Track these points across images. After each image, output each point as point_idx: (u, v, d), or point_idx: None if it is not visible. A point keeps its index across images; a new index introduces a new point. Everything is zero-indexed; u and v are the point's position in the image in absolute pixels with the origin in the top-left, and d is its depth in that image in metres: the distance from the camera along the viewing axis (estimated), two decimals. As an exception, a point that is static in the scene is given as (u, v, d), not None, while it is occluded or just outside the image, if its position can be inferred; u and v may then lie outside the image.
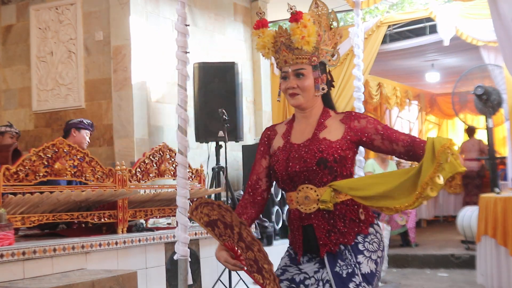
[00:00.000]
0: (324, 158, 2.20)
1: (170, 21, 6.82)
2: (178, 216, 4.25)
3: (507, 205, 4.82)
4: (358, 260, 2.18)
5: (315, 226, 2.23)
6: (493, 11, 5.36)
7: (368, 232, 2.25)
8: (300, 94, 2.30)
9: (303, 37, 2.25)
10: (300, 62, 2.29)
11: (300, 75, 2.29)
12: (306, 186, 2.23)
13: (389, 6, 14.23)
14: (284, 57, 2.30)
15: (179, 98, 4.31)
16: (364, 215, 2.26)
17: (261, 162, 2.39)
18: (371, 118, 2.33)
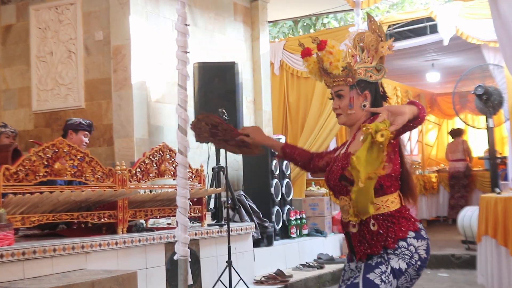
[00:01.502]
0: (344, 175, 2.30)
1: (170, 21, 6.81)
2: (178, 216, 4.25)
3: (508, 205, 4.82)
4: (388, 257, 2.28)
5: (351, 235, 2.39)
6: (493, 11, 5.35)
7: (397, 246, 2.29)
8: (342, 114, 2.46)
9: (331, 63, 2.41)
10: (337, 84, 2.45)
11: (340, 96, 2.45)
12: (343, 197, 2.37)
13: (390, 6, 14.23)
14: (325, 81, 2.49)
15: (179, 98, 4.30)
16: (388, 228, 2.30)
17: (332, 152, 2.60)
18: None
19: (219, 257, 5.36)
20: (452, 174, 10.68)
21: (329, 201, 8.03)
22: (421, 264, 2.33)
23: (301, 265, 6.54)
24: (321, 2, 9.10)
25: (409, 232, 2.32)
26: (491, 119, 7.37)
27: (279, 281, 5.75)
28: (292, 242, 6.90)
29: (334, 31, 9.53)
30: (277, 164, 7.07)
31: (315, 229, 7.55)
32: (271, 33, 13.66)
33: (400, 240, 2.30)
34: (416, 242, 2.32)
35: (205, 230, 5.30)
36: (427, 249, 2.36)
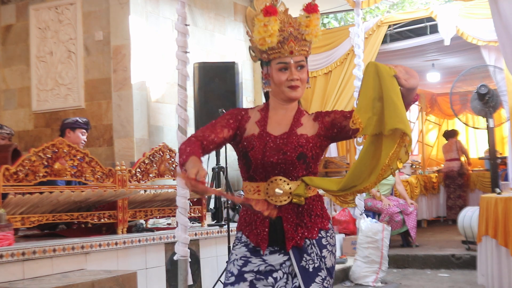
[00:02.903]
0: (304, 153, 2.21)
1: (170, 21, 6.81)
2: (178, 217, 4.24)
3: (508, 205, 4.81)
4: (322, 254, 2.21)
5: (284, 219, 2.21)
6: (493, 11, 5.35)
7: (328, 227, 2.27)
8: (300, 86, 2.29)
9: (311, 28, 2.24)
10: (303, 54, 2.27)
11: (300, 67, 2.27)
12: (279, 178, 2.20)
13: (390, 5, 14.23)
14: (290, 48, 2.24)
15: (179, 98, 4.30)
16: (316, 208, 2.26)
17: (224, 130, 2.30)
18: (337, 110, 2.37)
19: (219, 257, 5.35)
20: (447, 174, 10.76)
21: (329, 201, 8.03)
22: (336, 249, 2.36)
23: (301, 265, 6.52)
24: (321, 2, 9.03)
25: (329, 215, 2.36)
26: (491, 119, 7.37)
27: (279, 281, 5.74)
28: (292, 242, 6.89)
29: (334, 31, 9.51)
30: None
31: (315, 229, 7.54)
32: (271, 33, 13.63)
33: (329, 221, 2.30)
34: (332, 226, 2.34)
35: (205, 230, 5.29)
36: None
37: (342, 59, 8.60)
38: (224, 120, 2.33)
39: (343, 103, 8.38)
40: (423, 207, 10.36)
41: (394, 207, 7.57)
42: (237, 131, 2.32)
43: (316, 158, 2.26)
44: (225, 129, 2.31)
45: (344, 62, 8.56)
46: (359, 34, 6.62)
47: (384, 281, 6.29)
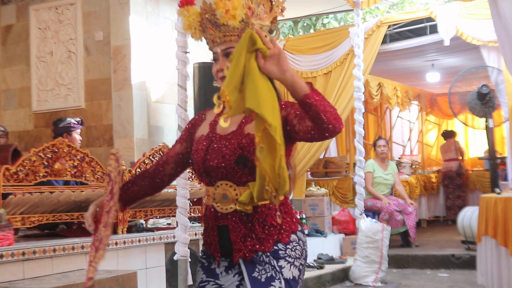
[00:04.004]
0: (245, 156, 1.95)
1: (170, 21, 6.81)
2: (178, 216, 4.25)
3: (508, 205, 4.81)
4: (279, 264, 1.98)
5: (230, 228, 1.99)
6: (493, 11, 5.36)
7: (290, 240, 2.01)
8: None
9: (227, 10, 1.98)
10: (228, 40, 2.03)
11: (229, 54, 2.01)
12: (225, 182, 1.98)
13: (389, 6, 14.23)
14: (211, 36, 2.05)
15: (179, 98, 4.30)
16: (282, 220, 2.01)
17: (176, 146, 2.20)
18: (290, 103, 2.04)
19: (219, 257, 5.35)
20: (445, 174, 10.80)
21: (329, 201, 8.03)
22: (304, 263, 2.11)
23: (301, 265, 6.53)
24: (321, 2, 9.09)
25: (298, 225, 2.07)
26: (491, 119, 7.37)
27: (279, 281, 5.74)
28: (292, 242, 6.89)
29: (334, 31, 9.52)
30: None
31: (315, 229, 7.55)
32: (271, 33, 13.64)
33: (292, 233, 2.02)
34: (302, 236, 2.07)
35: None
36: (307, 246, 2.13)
37: (342, 59, 8.60)
38: (181, 134, 2.24)
39: (343, 103, 8.37)
40: (422, 207, 10.37)
41: (394, 206, 7.58)
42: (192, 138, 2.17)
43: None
44: (179, 145, 2.20)
45: (344, 62, 8.55)
46: (359, 34, 6.62)
47: (384, 281, 6.29)
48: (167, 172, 2.20)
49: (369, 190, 7.50)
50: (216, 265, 2.06)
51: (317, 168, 9.44)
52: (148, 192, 2.24)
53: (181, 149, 2.19)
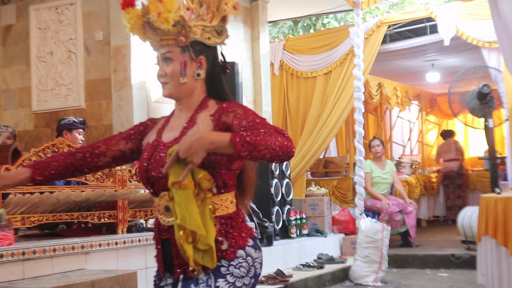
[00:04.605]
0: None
1: (170, 21, 6.81)
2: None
3: (508, 205, 4.81)
4: (217, 284, 1.82)
5: (172, 242, 1.86)
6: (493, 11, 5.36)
7: (235, 256, 1.86)
8: (169, 83, 1.98)
9: (159, 14, 1.88)
10: (165, 44, 1.94)
11: (167, 59, 1.96)
12: (167, 193, 1.84)
13: (389, 6, 14.24)
14: (151, 39, 1.98)
15: (179, 98, 4.31)
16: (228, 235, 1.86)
17: (121, 142, 2.05)
18: (240, 111, 1.88)
19: (219, 257, 5.35)
20: (446, 174, 10.80)
21: (329, 201, 8.04)
22: (254, 282, 1.91)
23: (301, 265, 6.54)
24: (321, 2, 9.10)
25: (248, 239, 1.92)
26: (491, 119, 7.37)
27: (279, 281, 5.75)
28: (292, 242, 6.90)
29: (334, 31, 9.52)
30: (277, 164, 7.07)
31: (315, 229, 7.55)
32: (271, 33, 13.67)
33: (239, 249, 1.87)
34: (254, 252, 1.91)
35: (205, 230, 5.29)
36: (262, 263, 1.95)
37: (342, 59, 8.61)
38: (128, 130, 2.09)
39: (343, 103, 8.38)
40: (422, 207, 10.37)
41: (394, 206, 7.58)
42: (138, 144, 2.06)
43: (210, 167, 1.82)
44: (123, 141, 2.06)
45: (344, 62, 8.56)
46: (359, 34, 6.63)
47: (384, 280, 6.29)
48: (100, 164, 2.06)
49: (369, 190, 7.50)
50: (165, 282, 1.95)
51: (317, 168, 9.44)
52: (65, 176, 2.08)
53: (125, 148, 2.06)
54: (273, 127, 1.81)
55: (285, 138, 1.77)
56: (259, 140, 1.72)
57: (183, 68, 1.95)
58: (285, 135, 1.78)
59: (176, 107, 2.04)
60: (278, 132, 1.78)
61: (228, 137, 1.72)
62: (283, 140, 1.75)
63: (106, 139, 2.07)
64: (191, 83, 1.96)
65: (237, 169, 1.94)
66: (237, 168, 1.93)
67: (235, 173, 1.93)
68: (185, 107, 1.99)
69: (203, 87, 2.00)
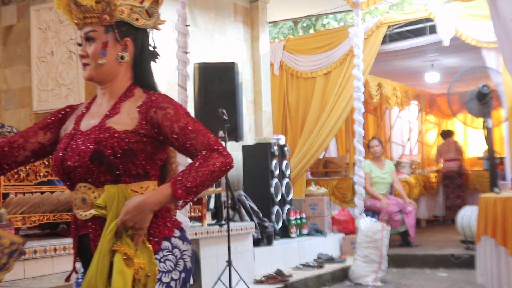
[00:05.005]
0: (100, 152, 1.73)
1: (170, 21, 6.81)
2: (178, 216, 4.26)
3: (507, 205, 4.82)
4: None
5: (91, 238, 1.77)
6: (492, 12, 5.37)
7: (160, 248, 1.76)
8: (90, 64, 1.84)
9: None
10: (88, 23, 1.82)
11: (90, 39, 1.83)
12: (83, 185, 1.77)
13: (389, 6, 14.25)
14: (75, 17, 1.85)
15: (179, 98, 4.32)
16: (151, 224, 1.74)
17: (39, 133, 1.90)
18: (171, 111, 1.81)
19: (219, 256, 5.37)
20: (446, 174, 10.81)
21: (329, 201, 8.05)
22: (186, 277, 1.80)
23: (301, 265, 6.55)
24: (321, 3, 9.11)
25: (175, 229, 1.82)
26: (490, 119, 7.38)
27: (279, 280, 5.76)
28: (292, 242, 6.92)
29: (334, 32, 9.54)
30: (277, 164, 7.09)
31: (315, 229, 7.57)
32: (271, 34, 13.68)
33: (164, 240, 1.78)
34: (181, 244, 1.81)
35: (205, 230, 5.31)
36: (193, 256, 1.85)
37: (341, 60, 8.63)
38: (44, 120, 1.94)
39: (343, 103, 8.39)
40: (422, 207, 10.38)
41: (393, 206, 7.60)
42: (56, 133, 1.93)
43: (127, 155, 1.75)
44: (41, 131, 1.91)
45: (344, 62, 8.58)
46: (358, 34, 6.64)
47: (383, 280, 6.31)
48: (20, 160, 1.90)
49: (368, 191, 7.51)
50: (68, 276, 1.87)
51: (317, 168, 9.46)
52: None
53: (44, 139, 1.91)
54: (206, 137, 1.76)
55: (221, 154, 1.74)
56: (200, 179, 1.69)
57: (103, 48, 1.82)
58: (219, 150, 1.75)
59: (98, 92, 1.92)
60: (213, 151, 1.74)
61: (168, 191, 1.68)
62: (221, 159, 1.73)
63: (23, 131, 1.92)
64: (113, 66, 1.85)
65: (160, 160, 1.86)
66: (160, 159, 1.86)
67: (157, 163, 1.85)
68: (108, 92, 1.88)
69: (129, 73, 1.91)
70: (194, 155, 1.76)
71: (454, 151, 10.91)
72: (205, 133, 1.79)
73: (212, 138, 1.78)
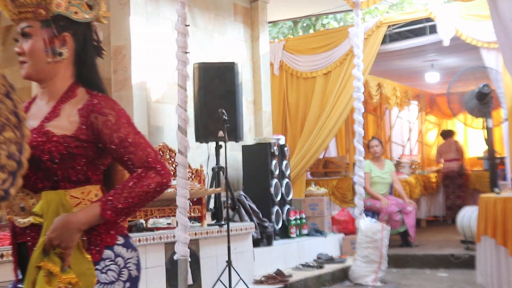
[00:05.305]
0: (37, 157, 1.65)
1: (170, 21, 6.81)
2: (178, 216, 4.26)
3: (507, 205, 4.82)
4: None
5: (29, 246, 1.72)
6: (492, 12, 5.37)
7: (101, 257, 1.68)
8: (28, 62, 1.78)
9: None
10: (23, 18, 1.72)
11: (26, 35, 1.73)
12: (21, 191, 1.68)
13: (389, 6, 14.25)
14: (10, 12, 1.75)
15: (179, 98, 4.32)
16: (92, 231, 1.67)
17: None
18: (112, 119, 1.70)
19: (219, 257, 5.37)
20: (446, 174, 10.81)
21: (328, 201, 8.05)
22: (131, 286, 1.72)
23: (300, 265, 6.55)
24: (321, 3, 9.11)
25: (118, 236, 1.73)
26: (490, 119, 7.38)
27: (279, 281, 5.76)
28: (292, 242, 6.92)
29: (334, 32, 9.53)
30: (277, 164, 7.09)
31: (315, 229, 7.57)
32: (271, 34, 13.69)
33: (106, 248, 1.69)
34: (125, 251, 1.73)
35: (205, 230, 5.31)
36: (138, 264, 1.76)
37: (341, 60, 8.63)
38: None
39: (343, 103, 8.39)
40: (422, 207, 10.39)
41: (393, 206, 7.60)
42: None
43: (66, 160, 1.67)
44: None
45: (344, 62, 8.58)
46: (358, 34, 6.64)
47: (383, 280, 6.30)
48: None
49: (368, 191, 7.51)
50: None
51: (316, 168, 9.46)
52: None
53: None
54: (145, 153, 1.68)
55: (158, 173, 1.67)
56: (132, 201, 1.63)
57: (51, 45, 1.73)
58: (157, 169, 1.67)
59: (38, 91, 1.85)
60: (150, 169, 1.66)
61: (97, 210, 1.61)
62: (157, 179, 1.66)
63: None
64: (52, 64, 1.78)
65: (103, 165, 1.77)
66: (103, 164, 1.77)
67: (100, 167, 1.76)
68: (47, 92, 1.81)
69: (70, 70, 1.80)
70: (131, 170, 1.69)
71: (455, 151, 10.91)
72: (144, 147, 1.71)
73: (152, 154, 1.70)
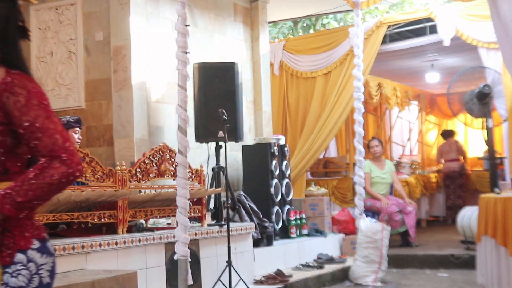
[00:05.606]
0: None
1: (170, 21, 6.81)
2: (178, 216, 4.26)
3: (507, 205, 4.82)
4: None
5: None
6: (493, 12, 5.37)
7: (12, 261, 1.58)
8: None
9: None
10: None
11: None
12: None
13: (389, 6, 14.25)
14: None
15: (179, 98, 4.32)
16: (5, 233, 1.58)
17: None
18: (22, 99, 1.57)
19: (219, 257, 5.37)
20: (447, 174, 10.80)
21: (329, 201, 8.05)
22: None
23: (301, 265, 6.55)
24: (321, 3, 9.11)
25: (33, 240, 1.62)
26: (490, 119, 7.38)
27: (279, 281, 5.76)
28: (292, 242, 6.91)
29: (334, 32, 9.53)
30: (277, 164, 7.09)
31: (315, 229, 7.56)
32: (271, 34, 13.68)
33: (19, 252, 1.58)
34: (39, 257, 1.61)
35: (205, 230, 5.31)
36: (53, 270, 1.66)
37: (341, 60, 8.63)
38: None
39: (343, 103, 8.39)
40: (422, 207, 10.38)
41: (393, 206, 7.59)
42: None
43: None
44: None
45: (344, 62, 8.58)
46: (358, 34, 6.64)
47: (383, 280, 6.30)
48: None
49: (368, 191, 7.51)
50: None
51: (317, 168, 9.45)
52: None
53: None
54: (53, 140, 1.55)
55: (63, 163, 1.54)
56: (33, 193, 1.51)
57: None
58: (62, 158, 1.54)
59: None
60: (54, 158, 1.54)
61: None
62: (61, 170, 1.54)
63: None
64: None
65: (25, 153, 1.64)
66: (25, 152, 1.64)
67: (22, 157, 1.64)
68: None
69: None
70: (37, 158, 1.57)
71: (455, 151, 10.89)
72: (52, 133, 1.57)
73: (59, 141, 1.56)
